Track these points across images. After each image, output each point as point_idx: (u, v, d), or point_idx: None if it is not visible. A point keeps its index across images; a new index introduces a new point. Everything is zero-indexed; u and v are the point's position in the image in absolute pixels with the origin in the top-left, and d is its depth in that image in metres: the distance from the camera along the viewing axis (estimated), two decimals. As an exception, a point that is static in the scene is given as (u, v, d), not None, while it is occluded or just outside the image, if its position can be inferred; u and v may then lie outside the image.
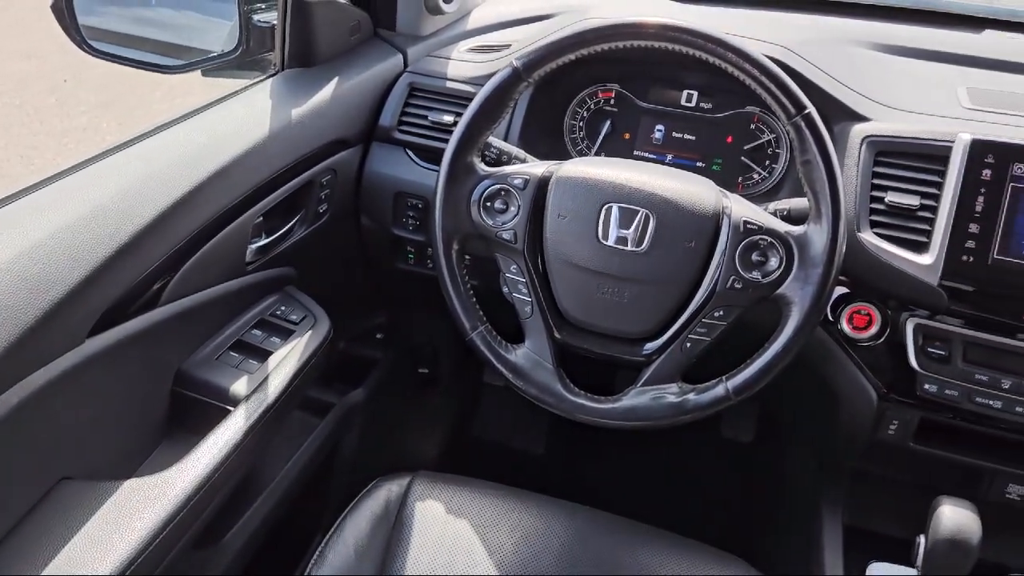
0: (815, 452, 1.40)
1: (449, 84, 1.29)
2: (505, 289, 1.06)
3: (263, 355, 1.09)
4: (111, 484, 0.88)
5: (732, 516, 1.72)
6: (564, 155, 1.28)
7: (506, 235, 1.02)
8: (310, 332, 1.14)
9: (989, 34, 1.41)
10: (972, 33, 1.41)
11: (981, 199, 1.01)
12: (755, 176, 1.27)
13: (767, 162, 1.27)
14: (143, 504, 0.86)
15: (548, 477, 1.84)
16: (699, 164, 1.30)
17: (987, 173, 1.01)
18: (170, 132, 1.05)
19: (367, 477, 1.18)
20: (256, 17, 1.26)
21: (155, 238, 0.93)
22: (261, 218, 1.12)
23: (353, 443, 1.55)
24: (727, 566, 1.08)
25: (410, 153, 1.30)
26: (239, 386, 1.03)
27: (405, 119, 1.29)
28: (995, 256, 1.00)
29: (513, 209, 1.02)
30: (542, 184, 1.02)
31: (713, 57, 0.95)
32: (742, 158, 1.28)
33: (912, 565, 0.99)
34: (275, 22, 1.23)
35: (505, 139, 1.24)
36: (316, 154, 1.19)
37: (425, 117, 1.28)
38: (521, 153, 1.11)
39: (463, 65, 1.31)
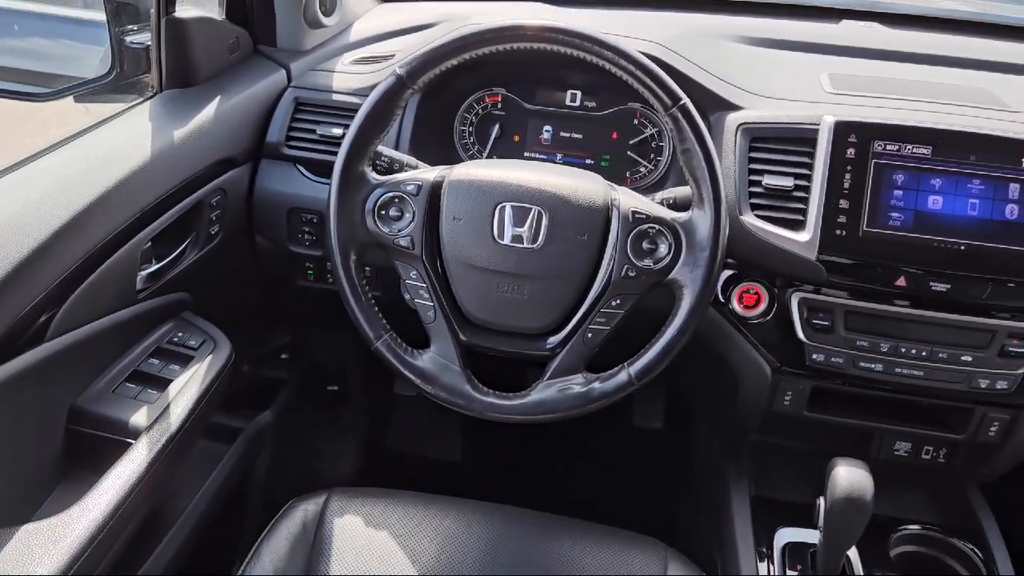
0: (720, 430, 1.45)
1: (335, 97, 1.28)
2: (407, 296, 1.06)
3: (162, 384, 1.06)
4: (7, 531, 0.84)
5: (648, 500, 1.76)
6: (456, 161, 1.29)
7: (403, 242, 1.02)
8: (210, 357, 1.11)
9: (846, 24, 1.51)
10: (831, 24, 1.50)
11: (848, 176, 1.07)
12: (642, 169, 1.32)
13: (652, 155, 1.32)
14: (43, 549, 0.83)
15: (467, 482, 1.84)
16: (588, 161, 1.33)
17: (851, 152, 1.08)
18: (46, 159, 1.01)
19: (282, 500, 1.16)
20: (129, 39, 1.22)
21: (37, 269, 0.89)
22: (150, 243, 1.09)
23: (265, 467, 1.52)
24: (644, 547, 1.11)
25: (301, 168, 1.28)
26: (139, 418, 0.99)
27: (293, 134, 1.28)
28: (865, 228, 1.07)
29: (408, 215, 1.03)
30: (435, 189, 1.03)
31: (591, 56, 0.98)
32: (628, 153, 1.32)
33: (815, 526, 1.05)
34: (149, 43, 1.20)
35: (396, 148, 1.25)
36: (203, 175, 1.17)
37: (313, 131, 1.27)
38: (413, 160, 1.12)
39: (348, 77, 1.31)
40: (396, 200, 1.03)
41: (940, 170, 1.07)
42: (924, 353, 1.11)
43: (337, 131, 1.25)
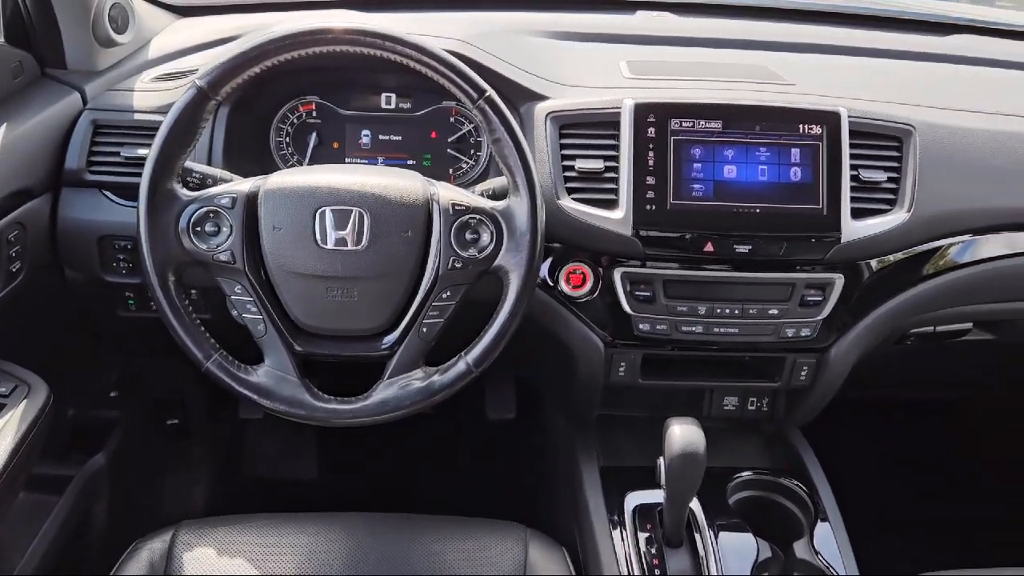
0: (566, 410, 1.50)
1: (137, 116, 1.23)
2: (234, 312, 1.04)
3: None
4: None
5: (509, 487, 1.80)
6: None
7: (223, 257, 1.00)
8: (24, 402, 1.04)
9: (640, 15, 1.61)
10: (626, 15, 1.59)
11: (651, 154, 1.14)
12: (464, 165, 1.35)
13: (472, 151, 1.35)
14: None
15: (327, 497, 1.81)
16: (410, 162, 1.35)
17: (652, 131, 1.15)
18: None
19: (127, 545, 1.10)
20: None
21: None
22: None
23: (104, 514, 1.43)
24: (504, 532, 1.14)
25: (108, 194, 1.22)
26: None
27: (95, 159, 1.22)
28: (672, 201, 1.14)
29: (225, 230, 1.00)
30: (251, 200, 1.01)
31: (395, 56, 0.99)
32: (448, 150, 1.35)
33: (659, 485, 1.11)
34: (-84, 72, 1.10)
35: (208, 163, 1.21)
36: None
37: (117, 153, 1.21)
38: (227, 174, 1.09)
39: (149, 95, 1.26)
40: (211, 215, 1.00)
41: (731, 141, 1.15)
42: (737, 311, 1.20)
43: (143, 151, 1.19)
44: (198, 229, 1.00)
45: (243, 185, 1.02)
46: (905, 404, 2.00)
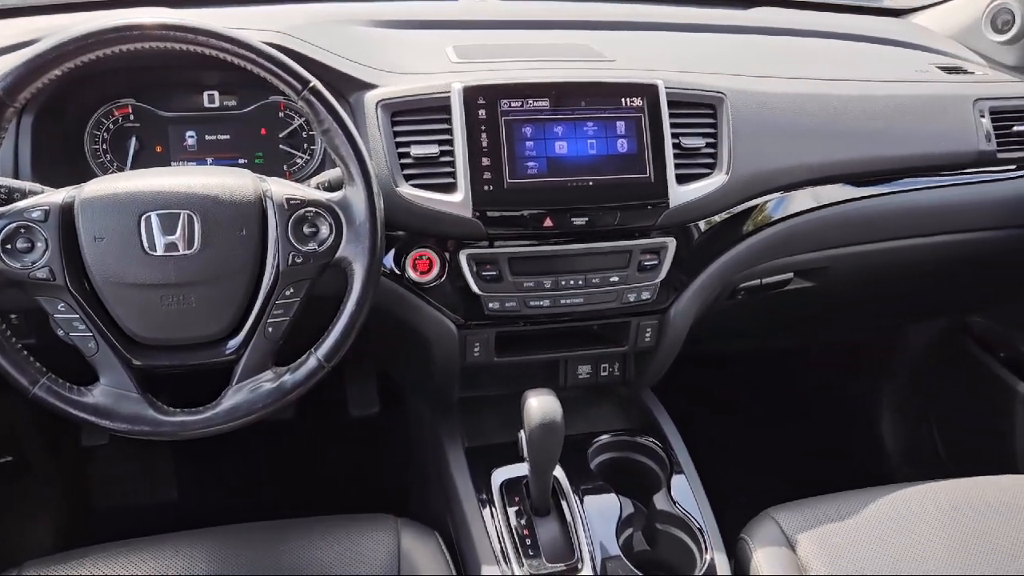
0: (427, 397, 1.51)
1: None
2: (60, 332, 0.98)
3: None
4: None
5: (380, 482, 1.79)
6: (95, 181, 1.20)
7: (40, 274, 0.94)
8: None
9: (464, 0, 1.62)
10: (450, 1, 1.61)
11: (484, 136, 1.16)
12: (298, 160, 1.32)
13: (305, 145, 1.32)
14: None
15: (192, 517, 1.74)
16: (242, 161, 1.31)
17: (482, 113, 1.16)
18: None
19: None
20: None
21: None
22: None
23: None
24: (376, 525, 1.14)
25: None
26: None
27: None
28: (508, 180, 1.17)
29: (40, 245, 0.94)
30: (66, 211, 0.95)
31: (210, 50, 0.96)
32: (281, 146, 1.31)
33: (523, 459, 1.14)
34: None
35: (16, 176, 1.13)
36: None
37: None
38: (37, 186, 1.02)
39: None
40: (22, 231, 0.94)
41: (560, 118, 1.19)
42: (581, 282, 1.24)
43: None
44: (8, 247, 0.93)
45: (56, 196, 0.96)
46: (743, 355, 2.14)
